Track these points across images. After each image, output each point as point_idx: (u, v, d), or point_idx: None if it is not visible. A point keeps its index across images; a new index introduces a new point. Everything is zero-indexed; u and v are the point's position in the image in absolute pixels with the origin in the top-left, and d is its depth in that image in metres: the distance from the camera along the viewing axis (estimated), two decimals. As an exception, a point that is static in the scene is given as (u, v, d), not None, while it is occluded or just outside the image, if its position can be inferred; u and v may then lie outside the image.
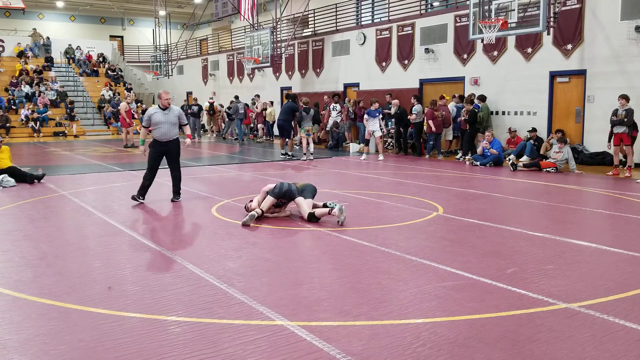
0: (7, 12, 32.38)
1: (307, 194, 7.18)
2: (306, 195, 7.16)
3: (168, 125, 8.18)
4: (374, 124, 14.76)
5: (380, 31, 18.89)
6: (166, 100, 8.20)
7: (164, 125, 8.15)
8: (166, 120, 8.15)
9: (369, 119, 14.73)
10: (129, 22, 37.42)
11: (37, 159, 15.38)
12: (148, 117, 8.20)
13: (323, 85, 21.38)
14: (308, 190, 7.23)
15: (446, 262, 5.14)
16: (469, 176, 11.53)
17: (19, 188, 9.89)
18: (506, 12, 13.04)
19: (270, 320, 3.78)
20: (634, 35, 12.34)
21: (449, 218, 7.23)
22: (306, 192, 7.19)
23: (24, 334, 3.60)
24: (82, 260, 5.36)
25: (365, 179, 11.40)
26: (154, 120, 8.14)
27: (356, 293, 4.34)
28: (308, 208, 6.99)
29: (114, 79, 31.56)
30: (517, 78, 14.82)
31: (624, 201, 8.62)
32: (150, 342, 3.46)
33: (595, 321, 3.76)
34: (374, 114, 14.73)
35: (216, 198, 8.77)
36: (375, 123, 14.76)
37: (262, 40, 21.42)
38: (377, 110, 14.88)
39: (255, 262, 5.23)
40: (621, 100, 11.31)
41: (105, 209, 7.98)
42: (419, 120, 15.48)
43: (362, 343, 3.42)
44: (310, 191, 7.23)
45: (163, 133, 8.18)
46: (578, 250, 5.64)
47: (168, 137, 8.24)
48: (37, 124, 24.71)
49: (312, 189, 7.29)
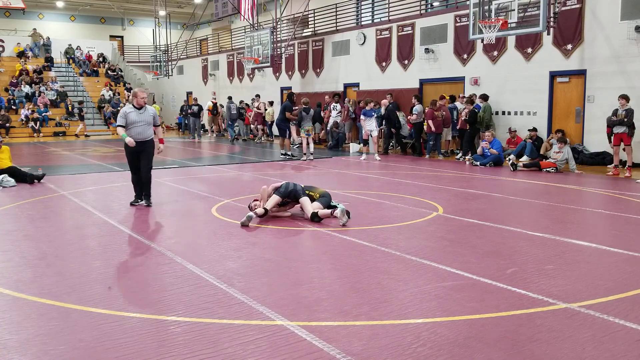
0: (7, 12, 32.38)
1: (321, 200, 7.27)
2: (320, 201, 7.24)
3: (143, 125, 7.91)
4: (370, 124, 14.81)
5: (380, 31, 18.89)
6: (142, 99, 7.93)
7: (139, 125, 7.87)
8: (141, 120, 7.88)
9: (366, 119, 14.78)
10: (129, 22, 37.42)
11: (37, 159, 15.38)
12: (123, 115, 7.84)
13: (323, 85, 21.38)
14: (323, 197, 7.34)
15: (446, 262, 5.14)
16: (469, 176, 11.52)
17: (19, 188, 9.89)
18: (506, 12, 13.04)
19: (270, 320, 3.78)
20: (634, 35, 12.34)
21: (449, 218, 7.23)
22: (321, 199, 7.29)
23: (24, 334, 3.60)
24: (82, 260, 5.36)
25: (365, 179, 11.40)
26: (129, 119, 7.83)
27: (356, 293, 4.34)
28: (312, 208, 7.02)
29: (114, 79, 31.57)
30: (517, 78, 14.82)
31: (624, 201, 8.61)
32: (150, 342, 3.46)
33: (595, 321, 3.76)
34: (370, 113, 14.78)
35: (216, 198, 8.77)
36: (372, 123, 14.81)
37: (262, 40, 21.42)
38: (373, 110, 14.92)
39: (255, 262, 5.23)
40: (621, 100, 11.31)
41: (105, 209, 7.98)
42: (419, 121, 15.50)
43: (362, 343, 3.42)
44: (325, 201, 7.31)
45: (138, 133, 7.88)
46: (578, 250, 5.64)
47: (143, 137, 7.93)
48: (37, 124, 24.71)
49: (328, 200, 7.37)
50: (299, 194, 7.15)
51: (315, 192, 7.40)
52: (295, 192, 7.15)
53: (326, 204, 7.29)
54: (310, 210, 6.98)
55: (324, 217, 6.94)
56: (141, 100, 7.93)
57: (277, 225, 6.84)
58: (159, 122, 8.27)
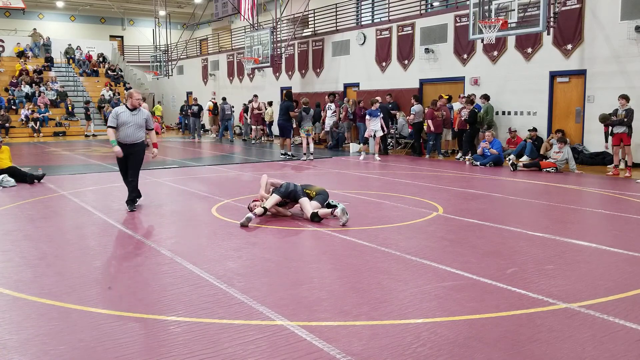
0: (7, 12, 32.38)
1: (318, 198, 7.29)
2: (317, 199, 7.26)
3: (134, 127, 7.69)
4: (375, 124, 14.81)
5: (380, 31, 18.88)
6: (137, 100, 7.74)
7: (129, 126, 7.66)
8: (133, 122, 7.68)
9: (371, 119, 14.79)
10: (129, 22, 37.42)
11: (37, 159, 15.38)
12: (115, 116, 7.64)
13: (323, 85, 21.38)
14: (320, 194, 7.36)
15: (446, 262, 5.14)
16: (469, 176, 11.52)
17: (19, 188, 9.89)
18: (506, 12, 13.04)
19: (270, 320, 3.78)
20: (634, 35, 12.34)
21: (449, 218, 7.23)
22: (318, 196, 7.31)
23: (24, 334, 3.60)
24: (82, 260, 5.36)
25: (365, 179, 11.40)
26: (120, 120, 7.63)
27: (356, 293, 4.34)
28: (312, 208, 7.03)
29: (114, 79, 31.56)
30: (517, 78, 14.82)
31: (624, 201, 8.61)
32: (150, 342, 3.46)
33: (595, 321, 3.76)
34: (375, 113, 14.78)
35: (216, 198, 8.77)
36: (377, 123, 14.81)
37: (262, 40, 21.42)
38: (378, 110, 14.93)
39: (255, 262, 5.23)
40: (621, 100, 11.32)
41: (105, 209, 7.97)
42: (418, 121, 15.51)
43: (362, 343, 3.42)
44: (322, 199, 7.34)
45: (127, 135, 7.67)
46: (578, 250, 5.64)
47: (132, 139, 7.71)
48: (37, 124, 24.72)
49: (325, 198, 7.39)
50: (299, 195, 7.17)
51: (312, 190, 7.41)
52: (295, 192, 7.18)
53: (323, 201, 7.31)
54: (310, 210, 6.99)
55: (324, 216, 6.95)
56: (136, 102, 7.73)
57: (277, 225, 6.84)
58: (152, 126, 8.07)
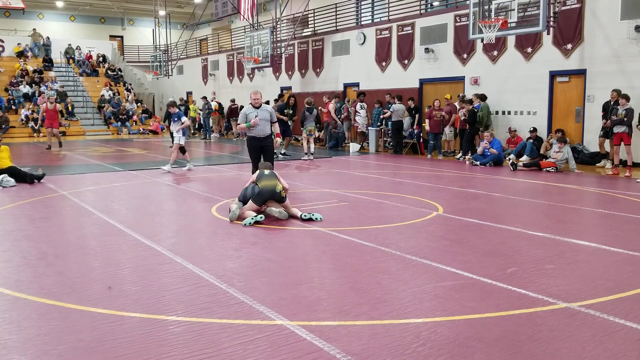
0: (7, 12, 32.36)
1: (271, 175, 7.19)
2: (271, 175, 7.16)
3: (263, 122, 8.66)
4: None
5: (380, 31, 18.88)
6: (254, 99, 8.67)
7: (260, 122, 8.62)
8: (262, 117, 8.62)
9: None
10: (129, 22, 37.40)
11: (37, 159, 15.37)
12: (244, 115, 8.67)
13: (323, 85, 21.38)
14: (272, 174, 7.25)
15: (446, 262, 5.14)
16: (469, 176, 11.52)
17: (19, 188, 9.88)
18: (506, 12, 13.04)
19: (270, 320, 3.78)
20: (634, 35, 12.34)
21: (449, 218, 7.23)
22: (270, 174, 7.21)
23: (24, 334, 3.60)
24: (82, 260, 5.36)
25: (366, 179, 11.40)
26: (250, 118, 8.59)
27: (356, 293, 4.34)
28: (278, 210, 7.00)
29: (114, 79, 31.56)
30: (517, 78, 14.82)
31: (624, 201, 8.61)
32: (150, 342, 3.45)
33: (595, 321, 3.76)
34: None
35: (216, 198, 8.77)
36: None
37: (262, 40, 21.42)
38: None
39: (255, 262, 5.23)
40: (621, 100, 11.31)
41: (105, 209, 7.97)
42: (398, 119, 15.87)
43: (362, 343, 3.42)
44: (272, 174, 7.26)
45: (260, 129, 8.68)
46: (578, 250, 5.64)
47: (265, 132, 8.73)
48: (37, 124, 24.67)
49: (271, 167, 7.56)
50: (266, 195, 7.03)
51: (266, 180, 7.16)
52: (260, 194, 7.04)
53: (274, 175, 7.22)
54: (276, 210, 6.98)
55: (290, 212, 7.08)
56: (254, 101, 8.67)
57: (277, 225, 6.84)
58: (275, 119, 8.98)
